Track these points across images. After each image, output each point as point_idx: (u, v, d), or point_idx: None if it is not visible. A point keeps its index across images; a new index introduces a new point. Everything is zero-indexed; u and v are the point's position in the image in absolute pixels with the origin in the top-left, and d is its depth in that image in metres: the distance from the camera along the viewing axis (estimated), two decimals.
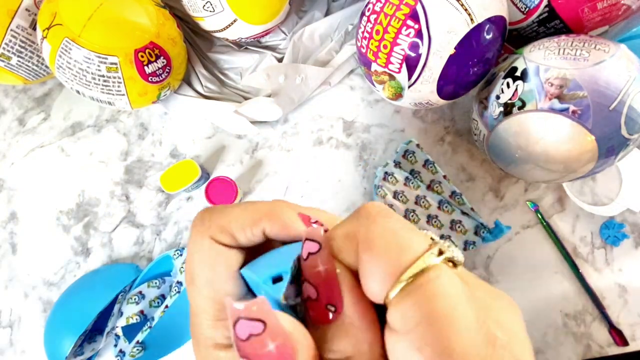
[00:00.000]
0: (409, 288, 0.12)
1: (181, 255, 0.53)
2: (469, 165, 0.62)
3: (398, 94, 0.53)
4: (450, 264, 0.14)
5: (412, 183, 0.57)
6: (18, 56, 0.53)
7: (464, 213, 0.55)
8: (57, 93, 0.65)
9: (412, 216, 0.55)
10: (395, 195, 0.56)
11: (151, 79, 0.52)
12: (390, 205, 0.56)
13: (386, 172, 0.58)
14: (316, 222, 0.16)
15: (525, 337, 0.13)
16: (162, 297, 0.53)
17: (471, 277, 0.14)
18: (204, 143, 0.63)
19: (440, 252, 0.13)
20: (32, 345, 0.56)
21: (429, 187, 0.57)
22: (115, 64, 0.48)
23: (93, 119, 0.64)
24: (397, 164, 0.58)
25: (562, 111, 0.42)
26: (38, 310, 0.57)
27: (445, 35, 0.45)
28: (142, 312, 0.51)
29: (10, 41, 0.51)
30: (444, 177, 0.57)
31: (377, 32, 0.48)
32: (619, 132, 0.41)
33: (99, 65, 0.48)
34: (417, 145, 0.59)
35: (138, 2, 0.50)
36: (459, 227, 0.54)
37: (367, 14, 0.49)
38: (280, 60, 0.63)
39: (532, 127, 0.44)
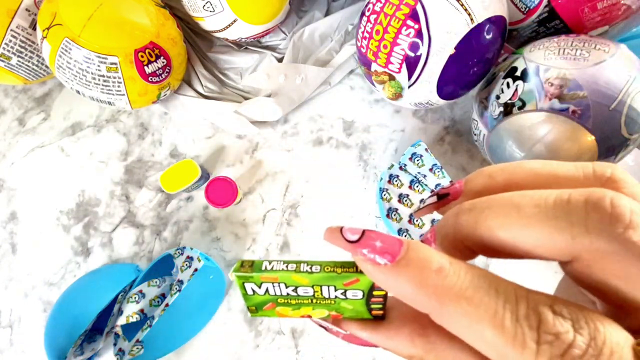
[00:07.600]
0: None
1: (182, 254, 0.53)
2: (469, 165, 0.62)
3: (398, 94, 0.53)
4: None
5: (417, 186, 0.56)
6: (18, 56, 0.53)
7: None
8: (57, 93, 0.65)
9: (417, 221, 0.55)
10: (400, 198, 0.56)
11: (151, 79, 0.52)
12: (395, 210, 0.55)
13: (391, 175, 0.57)
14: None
15: None
16: (163, 296, 0.53)
17: None
18: (204, 143, 0.63)
19: None
20: (32, 345, 0.56)
21: (432, 191, 0.57)
22: (115, 64, 0.48)
23: (93, 119, 0.64)
24: (403, 167, 0.58)
25: (562, 111, 0.42)
26: (38, 310, 0.57)
27: (445, 35, 0.45)
28: (142, 310, 0.51)
29: (10, 41, 0.51)
30: (451, 182, 0.56)
31: (377, 32, 0.48)
32: (619, 132, 0.41)
33: (99, 65, 0.48)
34: (426, 150, 0.58)
35: (138, 2, 0.50)
36: None
37: (367, 14, 0.49)
38: (280, 60, 0.63)
39: (532, 127, 0.44)
